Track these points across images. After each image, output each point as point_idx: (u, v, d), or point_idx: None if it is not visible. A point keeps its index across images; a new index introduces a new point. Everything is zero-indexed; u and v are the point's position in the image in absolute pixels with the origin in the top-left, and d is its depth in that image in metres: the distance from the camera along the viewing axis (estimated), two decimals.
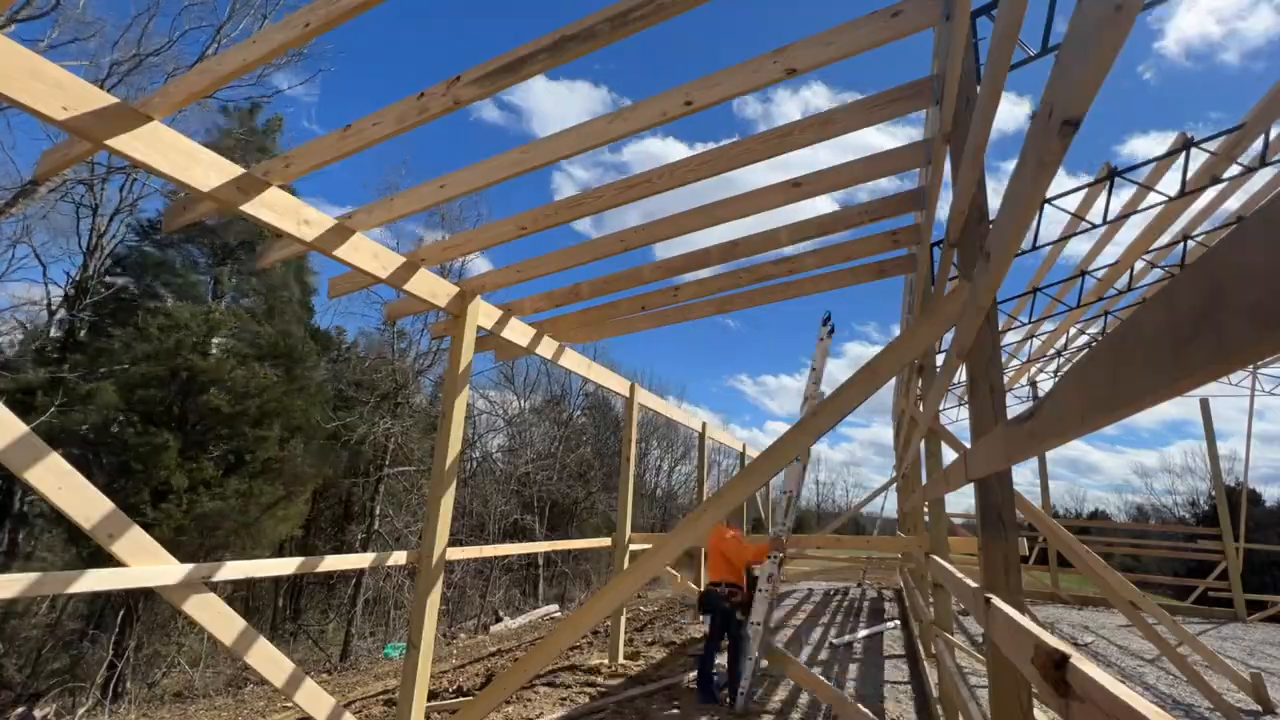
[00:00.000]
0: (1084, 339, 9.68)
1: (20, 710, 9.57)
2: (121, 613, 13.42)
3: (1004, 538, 2.02)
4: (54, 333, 16.55)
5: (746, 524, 12.59)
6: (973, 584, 2.14)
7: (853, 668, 6.29)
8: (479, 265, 20.44)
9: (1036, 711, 2.33)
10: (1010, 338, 9.67)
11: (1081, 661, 0.99)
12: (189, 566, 2.76)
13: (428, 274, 4.01)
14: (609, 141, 2.83)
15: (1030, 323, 7.62)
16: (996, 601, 1.67)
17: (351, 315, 39.54)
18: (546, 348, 5.59)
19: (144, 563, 2.64)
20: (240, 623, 2.96)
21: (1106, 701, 0.85)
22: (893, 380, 5.49)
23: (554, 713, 4.72)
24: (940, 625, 4.31)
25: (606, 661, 6.45)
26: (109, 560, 2.59)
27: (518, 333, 5.14)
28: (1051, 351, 10.20)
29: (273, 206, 2.95)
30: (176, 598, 2.73)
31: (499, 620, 14.43)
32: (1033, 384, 12.22)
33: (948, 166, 2.74)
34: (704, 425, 9.93)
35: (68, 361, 14.44)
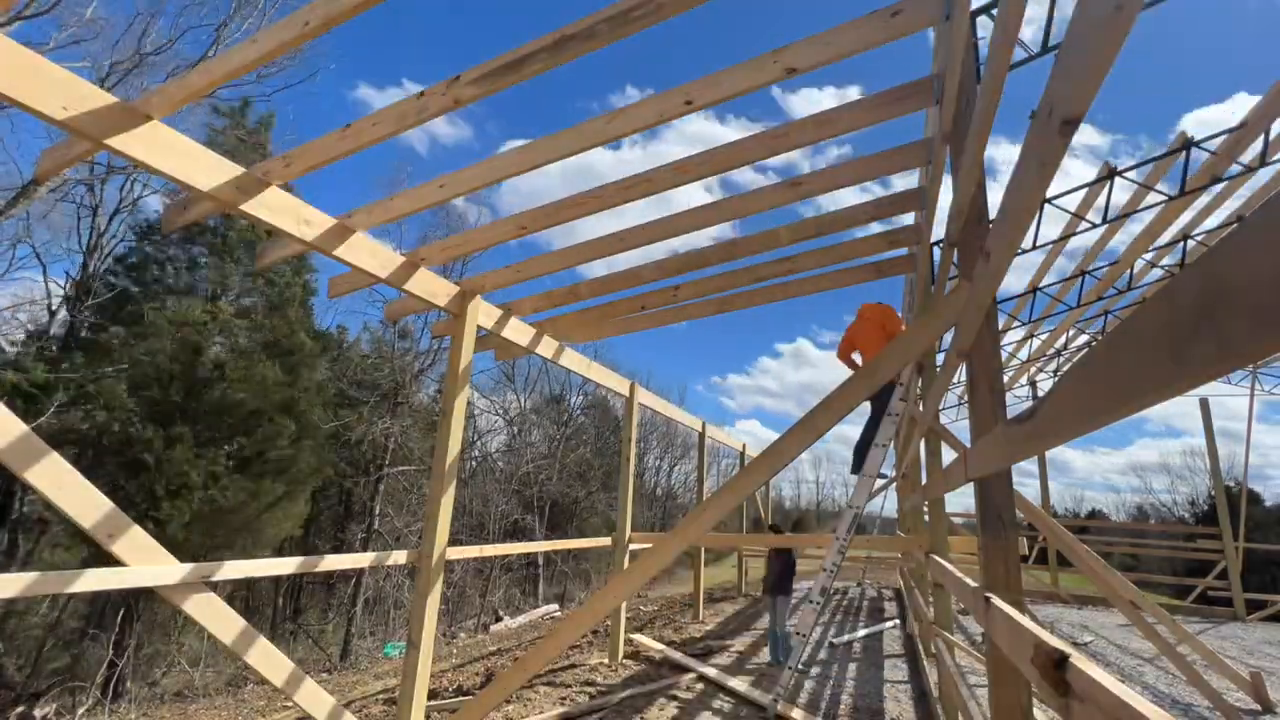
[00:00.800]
0: (1084, 339, 9.68)
1: (20, 710, 9.57)
2: (121, 612, 13.42)
3: (1004, 537, 2.02)
4: (56, 331, 16.56)
5: (745, 523, 12.60)
6: (973, 583, 2.14)
7: (852, 667, 6.29)
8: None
9: (1036, 711, 2.32)
10: (1010, 337, 9.67)
11: (1082, 661, 0.99)
12: (189, 566, 2.76)
13: (428, 273, 4.01)
14: (608, 141, 2.83)
15: (1030, 322, 7.63)
16: (996, 601, 1.67)
17: (353, 314, 39.63)
18: (546, 347, 5.59)
19: (144, 562, 2.64)
20: (240, 622, 2.96)
21: (1107, 701, 0.85)
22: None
23: (554, 711, 4.72)
24: (940, 625, 4.32)
25: (607, 661, 6.45)
26: (109, 560, 2.59)
27: (518, 332, 5.14)
28: (1051, 351, 10.20)
29: (272, 206, 2.95)
30: (176, 597, 2.73)
31: (499, 620, 14.43)
32: (1032, 384, 12.22)
33: (948, 166, 2.74)
34: (703, 425, 9.93)
35: (69, 361, 14.43)
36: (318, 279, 19.04)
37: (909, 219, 4.44)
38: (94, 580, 2.57)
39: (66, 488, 2.44)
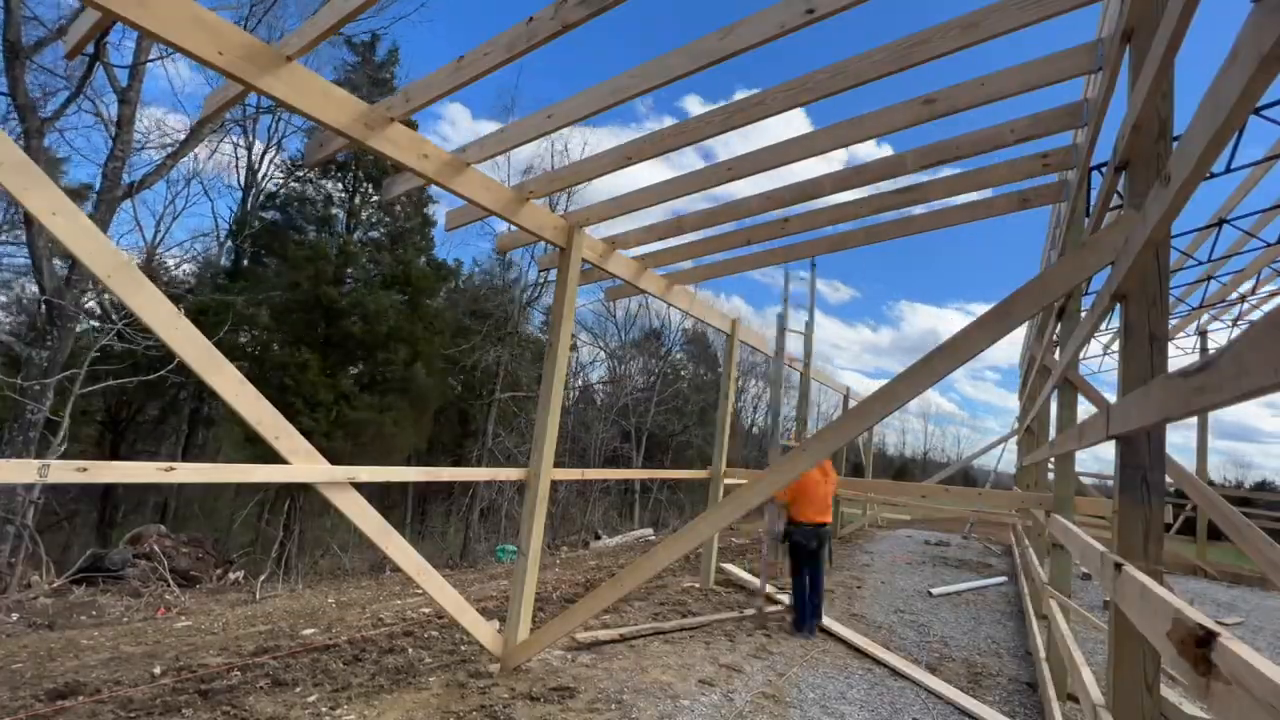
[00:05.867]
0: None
1: (218, 571, 11.79)
2: (287, 503, 15.89)
3: (1146, 502, 1.82)
4: (224, 262, 19.02)
5: (845, 468, 12.33)
6: (1101, 547, 1.97)
7: (951, 619, 6.13)
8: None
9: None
10: (1176, 280, 8.32)
11: (1232, 641, 0.89)
12: (338, 468, 3.17)
13: (535, 206, 4.10)
14: (722, 59, 2.65)
15: (1210, 262, 6.49)
16: (1129, 568, 1.53)
17: (466, 246, 42.02)
18: (649, 281, 5.60)
19: (302, 462, 3.06)
20: (378, 518, 3.38)
21: (1260, 686, 0.77)
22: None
23: (647, 624, 5.06)
24: (1056, 587, 4.06)
25: (699, 586, 6.75)
26: (275, 458, 3.03)
27: (620, 266, 5.17)
28: (1234, 296, 8.69)
29: (395, 141, 3.11)
30: (328, 493, 3.16)
31: (598, 538, 15.45)
32: (1202, 334, 10.57)
33: (1123, 74, 2.31)
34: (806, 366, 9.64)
35: (234, 288, 16.58)
36: (436, 211, 20.18)
37: (1063, 140, 3.85)
38: (265, 473, 3.04)
39: (241, 395, 2.86)
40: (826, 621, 5.36)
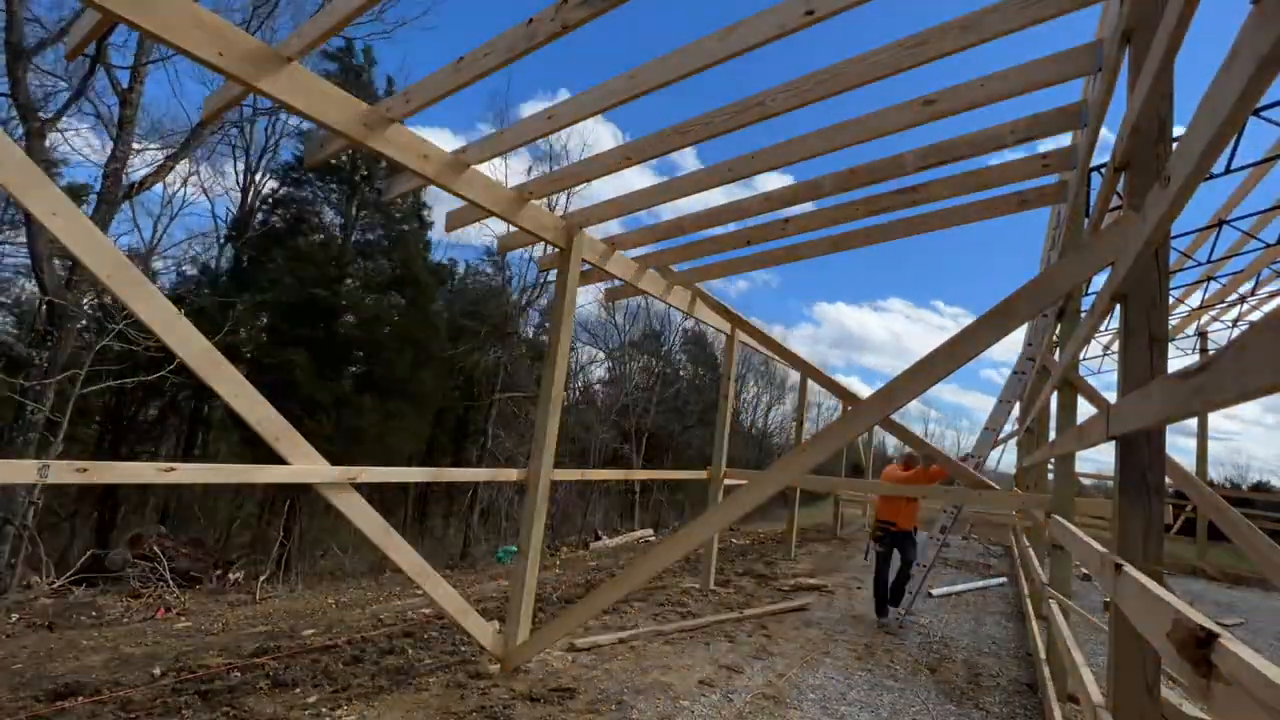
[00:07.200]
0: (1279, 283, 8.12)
1: (218, 572, 11.79)
2: (288, 503, 15.89)
3: (1146, 503, 1.82)
4: (222, 264, 19.00)
5: (845, 468, 12.32)
6: (1100, 548, 1.97)
7: (951, 619, 6.13)
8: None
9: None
10: (1175, 281, 8.33)
11: (1232, 642, 0.89)
12: (339, 469, 3.17)
13: (536, 207, 4.10)
14: (720, 61, 2.65)
15: (1210, 263, 6.50)
16: (1128, 569, 1.53)
17: (466, 249, 41.99)
18: (649, 282, 5.60)
19: (302, 463, 3.06)
20: (379, 519, 3.38)
21: (1260, 687, 0.77)
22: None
23: (647, 626, 5.05)
24: (1056, 588, 4.05)
25: (699, 586, 6.75)
26: (275, 459, 3.02)
27: (621, 267, 5.17)
28: (1233, 297, 8.70)
29: (396, 142, 3.11)
30: (329, 493, 3.16)
31: (598, 539, 15.43)
32: (1202, 334, 10.57)
33: (1123, 75, 2.32)
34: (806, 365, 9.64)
35: (233, 291, 16.57)
36: (434, 213, 20.16)
37: (1063, 140, 3.85)
38: (266, 474, 3.04)
39: (242, 396, 2.86)
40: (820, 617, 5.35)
